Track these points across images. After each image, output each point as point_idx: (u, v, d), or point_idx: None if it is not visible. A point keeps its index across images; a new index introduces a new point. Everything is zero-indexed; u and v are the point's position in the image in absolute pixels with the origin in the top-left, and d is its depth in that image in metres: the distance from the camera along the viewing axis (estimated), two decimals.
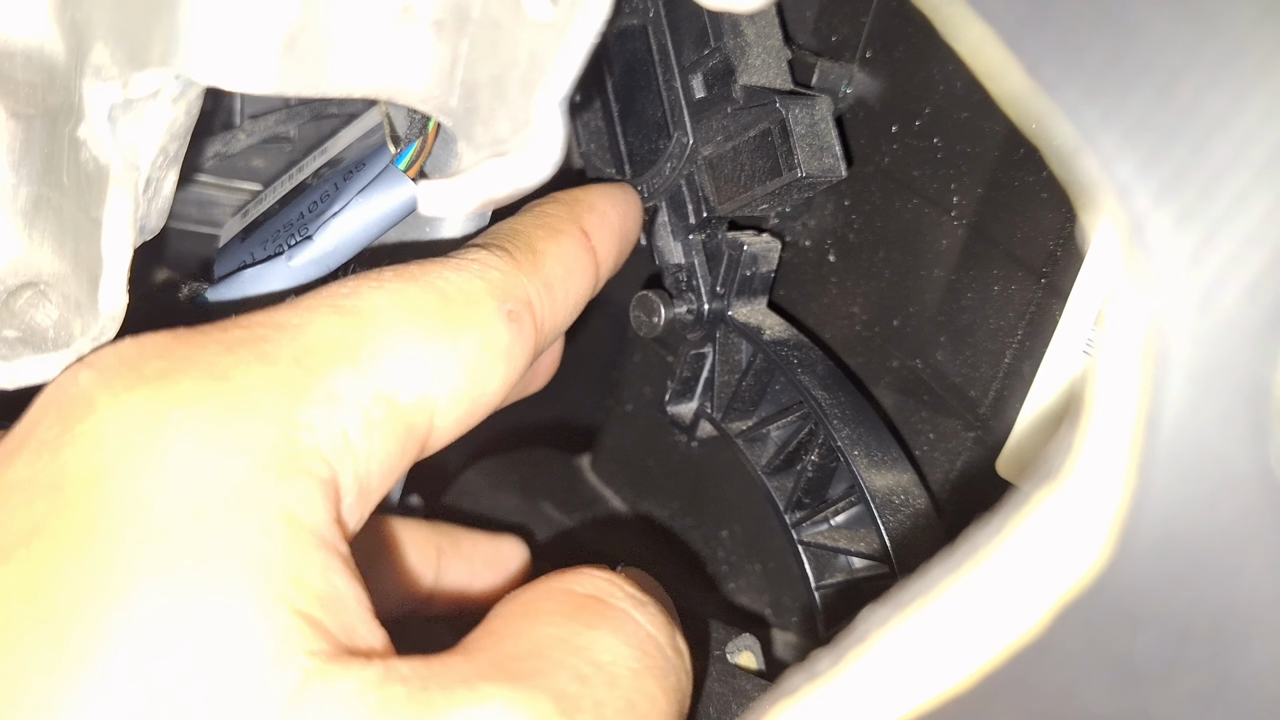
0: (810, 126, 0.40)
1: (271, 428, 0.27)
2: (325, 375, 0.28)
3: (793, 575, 0.51)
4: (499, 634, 0.29)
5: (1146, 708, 0.18)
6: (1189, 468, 0.17)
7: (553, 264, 0.35)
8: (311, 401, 0.28)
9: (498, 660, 0.27)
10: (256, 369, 0.28)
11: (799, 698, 0.22)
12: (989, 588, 0.19)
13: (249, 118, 0.50)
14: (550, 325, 0.35)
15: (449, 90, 0.33)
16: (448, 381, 0.31)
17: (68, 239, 0.37)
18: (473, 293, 0.32)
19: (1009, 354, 0.40)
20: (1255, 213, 0.16)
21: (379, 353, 0.29)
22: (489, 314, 0.32)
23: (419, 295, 0.31)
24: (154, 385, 0.27)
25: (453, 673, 0.26)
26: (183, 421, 0.26)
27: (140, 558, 0.25)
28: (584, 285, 0.37)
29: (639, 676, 0.29)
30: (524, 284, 0.34)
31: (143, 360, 0.27)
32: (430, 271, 0.32)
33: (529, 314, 0.33)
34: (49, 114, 0.36)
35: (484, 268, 0.33)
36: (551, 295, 0.35)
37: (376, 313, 0.30)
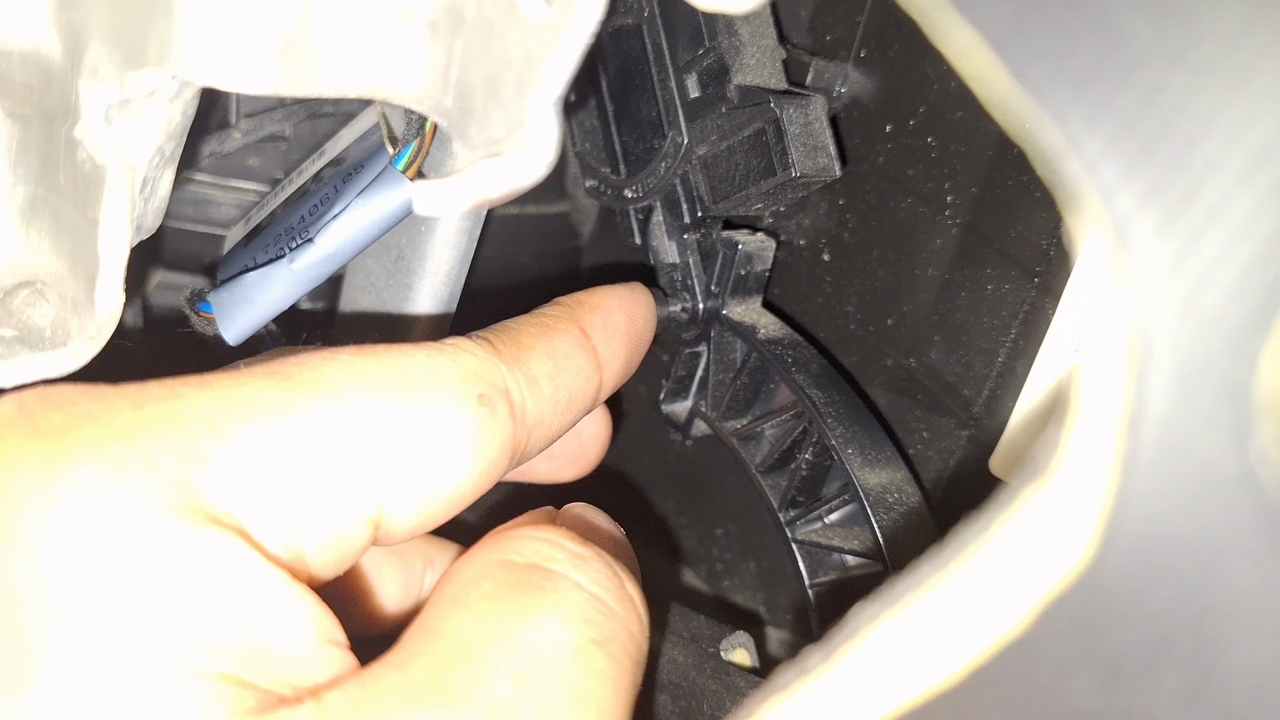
0: (805, 126, 0.41)
1: (169, 489, 0.25)
2: (239, 439, 0.27)
3: (787, 573, 0.51)
4: (435, 632, 0.28)
5: (1130, 703, 0.18)
6: (1171, 466, 0.17)
7: (539, 359, 0.34)
8: (218, 464, 0.26)
9: (432, 670, 0.26)
10: (160, 429, 0.26)
11: (790, 693, 0.23)
12: (977, 584, 0.20)
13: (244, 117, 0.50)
14: (537, 420, 0.33)
15: (444, 91, 0.33)
16: (397, 459, 0.29)
17: (65, 238, 0.37)
18: (439, 373, 0.30)
19: (1002, 353, 0.40)
20: (1236, 216, 0.16)
21: (312, 421, 0.28)
22: (453, 394, 0.30)
23: (374, 369, 0.29)
24: (48, 439, 0.25)
25: (386, 698, 0.26)
26: (72, 481, 0.25)
27: (35, 635, 0.24)
28: (580, 385, 0.35)
29: (583, 654, 0.28)
30: (500, 372, 0.32)
31: (43, 413, 0.26)
32: (395, 349, 0.30)
33: (505, 402, 0.31)
34: (46, 114, 0.37)
35: (458, 352, 0.31)
36: (536, 390, 0.33)
37: (321, 381, 0.28)
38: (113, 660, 0.24)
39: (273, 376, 0.28)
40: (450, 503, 0.31)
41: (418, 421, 0.29)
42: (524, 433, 0.32)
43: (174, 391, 0.27)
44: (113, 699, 0.23)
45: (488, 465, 0.31)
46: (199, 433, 0.26)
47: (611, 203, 0.48)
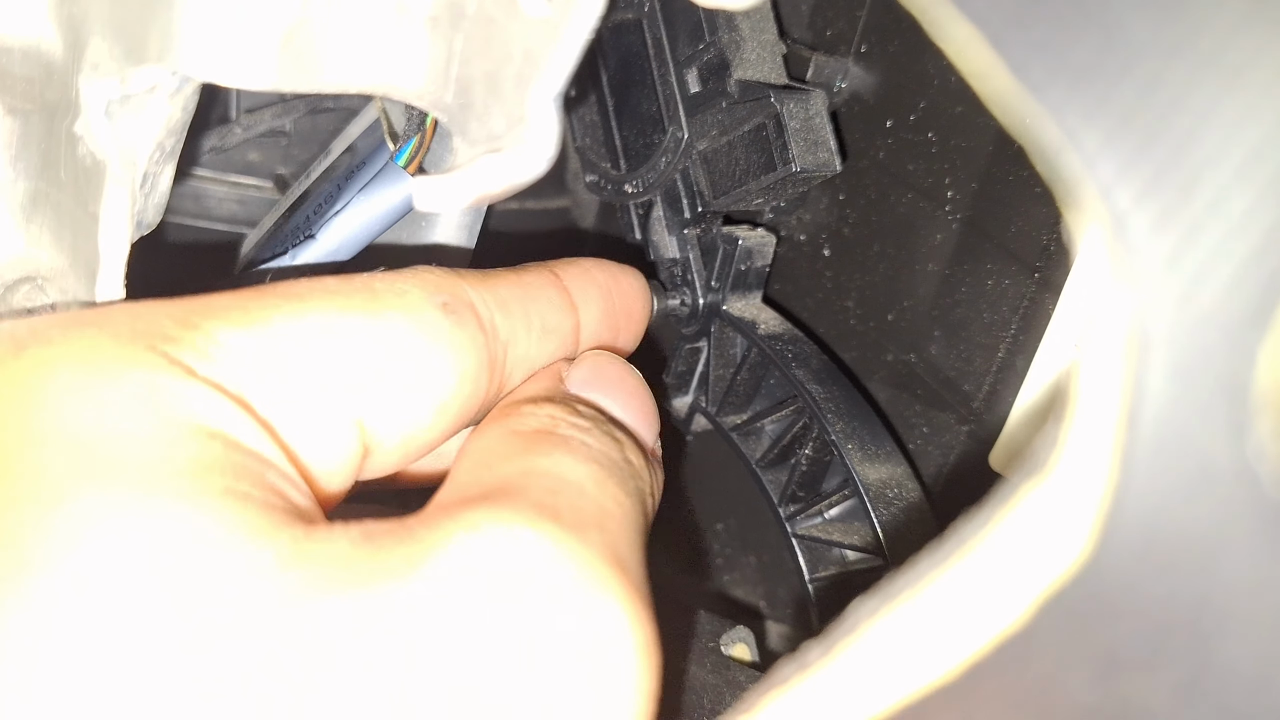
0: (805, 121, 0.41)
1: (146, 354, 0.25)
2: (205, 328, 0.27)
3: (787, 568, 0.51)
4: (461, 482, 0.28)
5: (1127, 697, 0.19)
6: (1169, 462, 0.17)
7: (506, 285, 0.33)
8: (181, 344, 0.26)
9: (469, 496, 0.27)
10: (126, 319, 0.26)
11: (789, 688, 0.23)
12: (975, 579, 0.20)
13: (245, 112, 0.50)
14: (510, 337, 0.33)
15: (444, 86, 0.33)
16: (370, 362, 0.29)
17: (65, 233, 0.37)
18: (400, 285, 0.30)
19: (1002, 348, 0.40)
20: (1233, 212, 0.16)
21: (279, 320, 0.28)
22: (417, 300, 0.30)
23: (335, 284, 0.30)
24: (18, 339, 0.26)
25: (429, 511, 0.26)
26: (50, 359, 0.25)
27: (68, 474, 0.23)
28: (553, 314, 0.35)
29: (602, 484, 0.29)
30: (464, 286, 0.32)
31: (11, 324, 0.26)
32: (359, 275, 0.30)
33: (470, 312, 0.31)
34: (46, 109, 0.37)
35: (418, 270, 0.32)
36: (506, 309, 0.33)
37: (284, 291, 0.29)
38: (149, 481, 0.23)
39: (234, 292, 0.28)
40: (435, 415, 0.30)
41: (382, 326, 0.29)
42: (498, 346, 0.32)
43: (136, 302, 0.27)
44: (153, 512, 0.23)
45: (464, 373, 0.31)
46: (164, 323, 0.26)
47: (612, 198, 0.48)
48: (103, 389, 0.25)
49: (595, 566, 0.25)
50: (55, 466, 0.23)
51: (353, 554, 0.24)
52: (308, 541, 0.24)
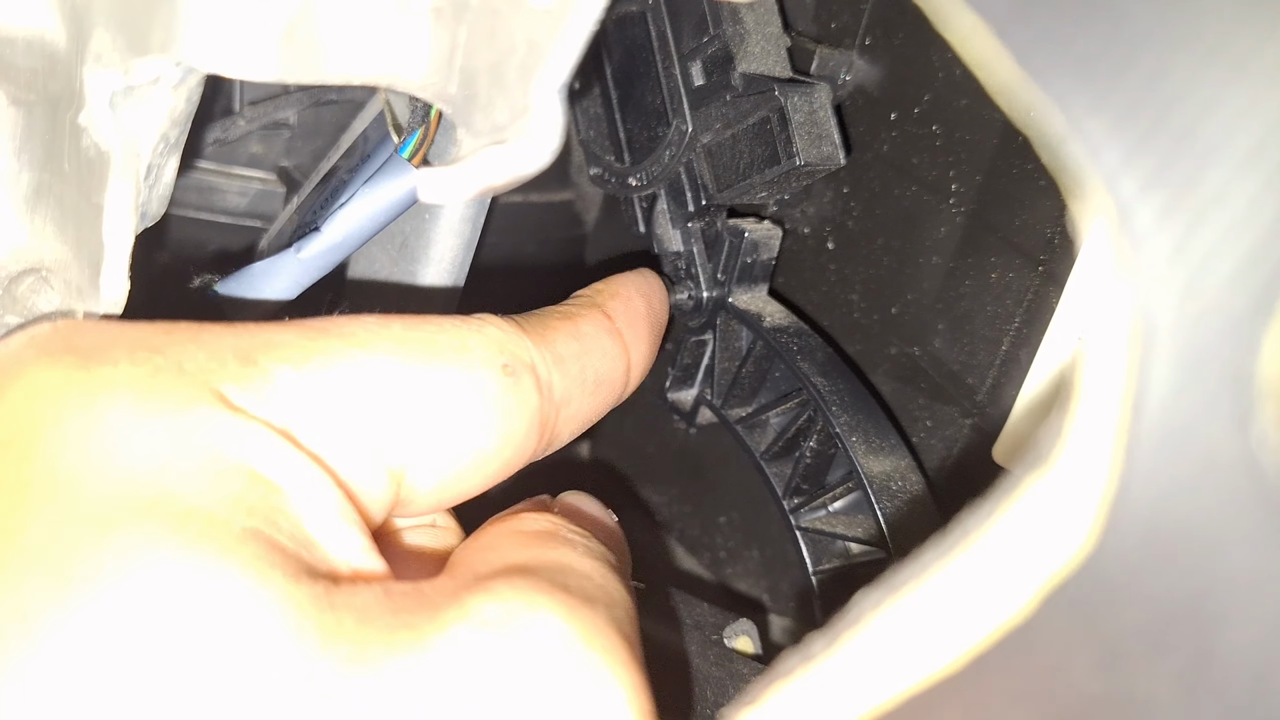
0: (809, 114, 0.41)
1: (204, 392, 0.26)
2: (262, 364, 0.27)
3: (790, 560, 0.51)
4: (469, 564, 0.28)
5: (1131, 687, 0.19)
6: (1173, 453, 0.17)
7: (565, 339, 0.34)
8: (240, 381, 0.26)
9: (482, 575, 0.27)
10: (191, 349, 0.27)
11: (793, 679, 0.23)
12: (980, 571, 0.20)
13: (248, 104, 0.50)
14: (565, 397, 0.33)
15: (448, 77, 0.33)
16: (419, 415, 0.29)
17: (69, 225, 0.37)
18: (464, 340, 0.31)
19: (1006, 341, 0.40)
20: (1238, 202, 0.16)
21: (336, 365, 0.28)
22: (477, 360, 0.30)
23: (399, 329, 0.30)
24: (85, 353, 0.26)
25: (447, 581, 0.26)
26: (113, 383, 0.25)
27: (120, 506, 0.24)
28: (608, 366, 0.36)
29: (606, 576, 0.29)
30: (526, 346, 0.32)
31: (77, 334, 0.27)
32: (424, 317, 0.31)
33: (530, 375, 0.32)
34: (50, 100, 0.37)
35: (483, 324, 0.32)
36: (564, 367, 0.33)
37: (346, 334, 0.29)
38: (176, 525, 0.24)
39: (298, 326, 0.29)
40: (474, 471, 0.31)
41: (439, 381, 0.29)
42: (552, 409, 0.33)
43: (201, 326, 0.28)
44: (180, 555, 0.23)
45: (512, 435, 0.31)
46: (226, 357, 0.27)
47: (616, 191, 0.48)
48: (161, 424, 0.25)
49: (605, 637, 0.26)
50: (109, 496, 0.24)
51: (374, 621, 0.24)
52: (331, 602, 0.24)
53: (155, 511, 0.24)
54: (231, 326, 0.28)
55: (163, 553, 0.23)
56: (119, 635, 0.22)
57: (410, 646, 0.24)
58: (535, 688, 0.24)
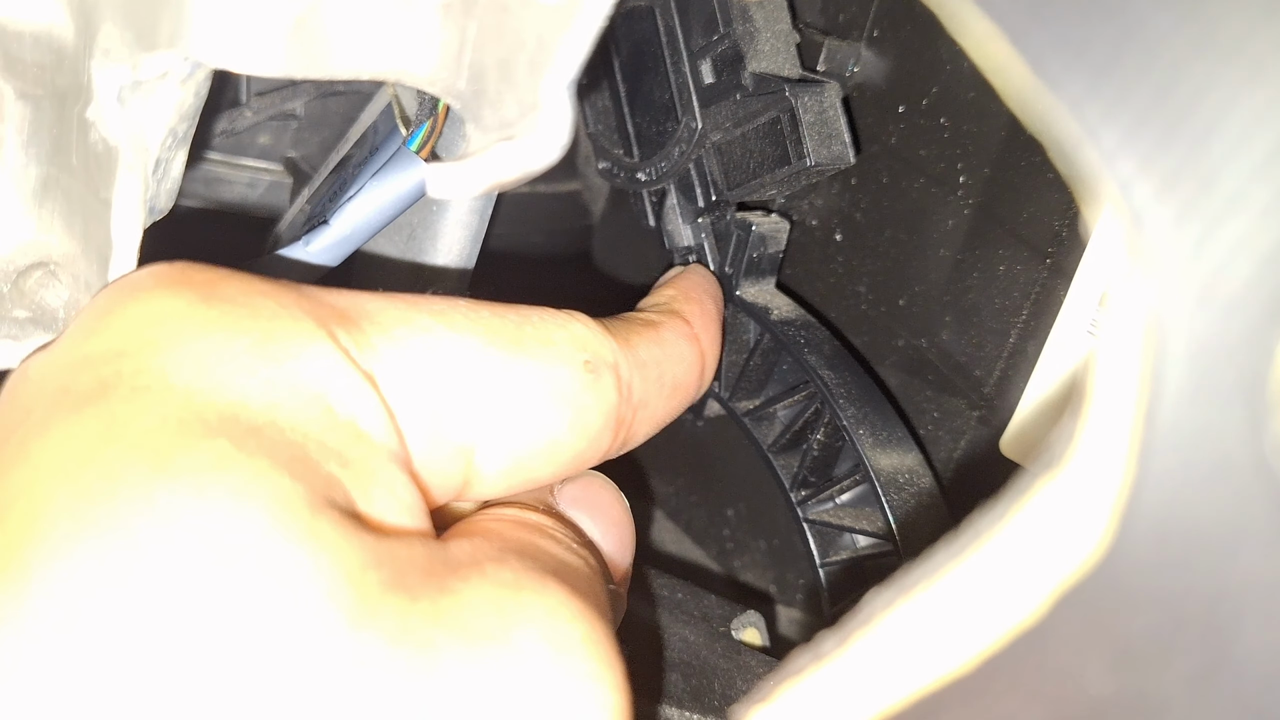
0: (819, 114, 0.40)
1: (316, 338, 0.27)
2: (363, 326, 0.28)
3: (798, 553, 0.51)
4: (480, 536, 0.29)
5: (1143, 689, 0.19)
6: (1187, 456, 0.17)
7: (647, 345, 0.35)
8: (339, 334, 0.28)
9: (493, 543, 0.28)
10: (303, 302, 0.28)
11: (804, 677, 0.23)
12: (992, 572, 0.20)
13: (255, 95, 0.50)
14: (642, 400, 0.34)
15: (456, 73, 0.33)
16: (496, 401, 0.30)
17: (77, 219, 0.37)
18: (550, 334, 0.32)
19: (1014, 334, 0.40)
20: (1253, 208, 0.16)
21: (426, 342, 0.29)
22: (560, 355, 0.31)
23: (489, 316, 0.31)
24: (207, 289, 0.27)
25: (457, 547, 0.27)
26: (233, 318, 0.27)
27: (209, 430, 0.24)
28: (685, 370, 0.37)
29: (590, 580, 0.30)
30: (611, 347, 0.33)
31: (200, 272, 0.28)
32: (513, 306, 0.32)
33: (611, 374, 0.33)
34: (58, 95, 0.37)
35: (571, 320, 0.33)
36: (644, 370, 0.34)
37: (440, 312, 0.30)
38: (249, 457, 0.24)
39: (394, 298, 0.30)
40: (545, 460, 0.31)
41: (521, 369, 0.30)
42: (629, 410, 0.34)
43: (303, 286, 0.29)
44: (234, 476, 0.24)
45: (587, 429, 0.32)
46: (329, 314, 0.28)
47: (625, 185, 0.48)
48: (274, 362, 0.26)
49: (596, 627, 0.27)
50: (217, 416, 0.25)
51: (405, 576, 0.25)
52: (373, 553, 0.24)
53: (254, 438, 0.25)
54: (329, 290, 0.29)
55: (246, 483, 0.24)
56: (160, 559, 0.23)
57: (437, 600, 0.25)
58: (534, 662, 0.25)
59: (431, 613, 0.24)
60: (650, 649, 0.39)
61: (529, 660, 0.25)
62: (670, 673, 0.39)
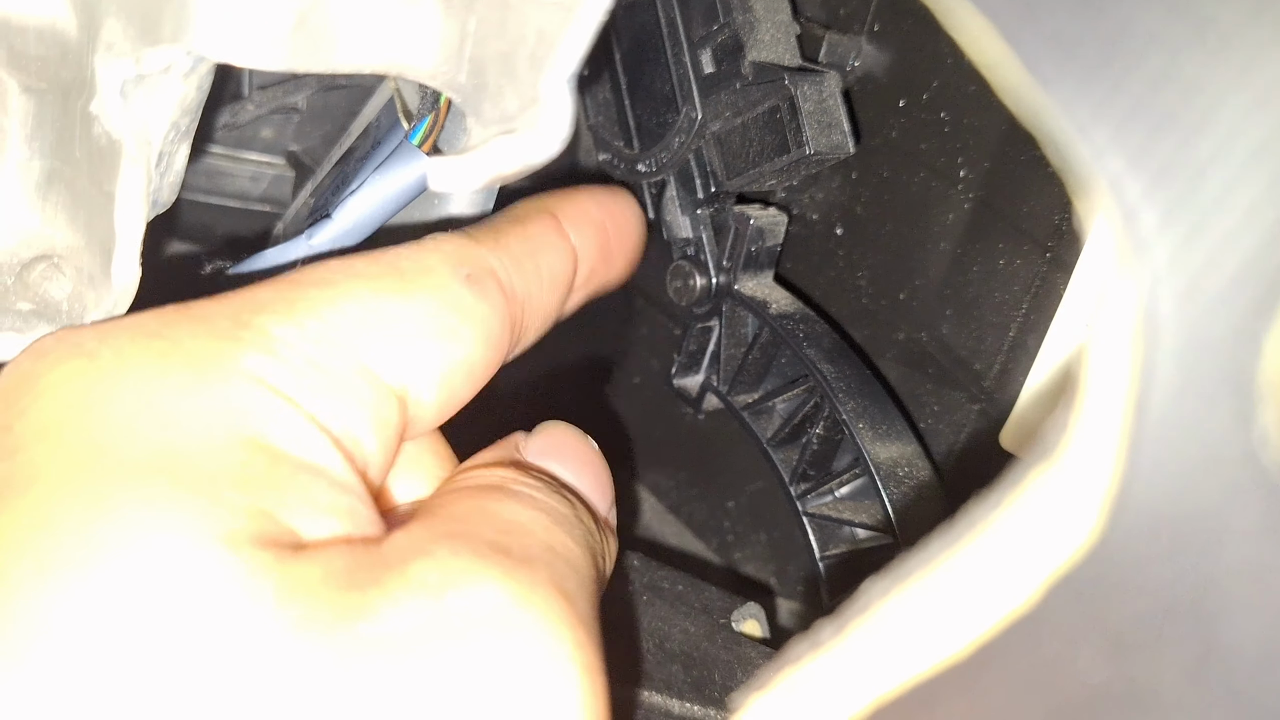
0: (819, 104, 0.41)
1: (206, 364, 0.27)
2: (257, 325, 0.28)
3: (797, 545, 0.51)
4: (424, 522, 0.29)
5: (1135, 677, 0.19)
6: (1176, 448, 0.17)
7: (517, 241, 0.36)
8: (242, 343, 0.28)
9: (428, 531, 0.28)
10: (187, 325, 0.28)
11: (801, 665, 0.23)
12: (986, 561, 0.20)
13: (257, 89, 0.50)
14: (526, 295, 0.35)
15: (457, 67, 0.34)
16: (406, 337, 0.30)
17: (80, 212, 0.37)
18: (425, 261, 0.32)
19: (1014, 327, 0.40)
20: (1240, 205, 0.16)
21: (320, 309, 0.29)
22: (444, 276, 0.32)
23: (363, 264, 0.31)
24: (89, 348, 0.27)
25: (404, 538, 0.27)
26: (116, 371, 0.27)
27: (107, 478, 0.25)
28: (558, 262, 0.37)
29: (550, 530, 0.30)
30: (484, 254, 0.34)
31: (76, 335, 0.28)
32: (383, 251, 0.32)
33: (493, 280, 0.33)
34: (61, 89, 0.37)
35: (438, 242, 0.33)
36: (520, 268, 0.35)
37: (317, 279, 0.30)
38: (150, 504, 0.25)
39: (275, 283, 0.30)
40: (465, 377, 0.32)
41: (417, 302, 0.31)
42: (518, 307, 0.34)
43: (191, 306, 0.29)
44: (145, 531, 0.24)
45: (491, 338, 0.33)
46: (221, 325, 0.28)
47: (625, 177, 0.48)
48: (168, 398, 0.26)
49: (539, 597, 0.27)
50: (112, 464, 0.25)
51: (331, 584, 0.25)
52: (295, 569, 0.25)
53: (152, 479, 0.25)
54: (216, 298, 0.29)
55: (146, 521, 0.24)
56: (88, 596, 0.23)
57: (358, 610, 0.25)
58: (470, 652, 0.25)
59: (351, 627, 0.24)
60: (651, 640, 0.40)
61: (457, 651, 0.25)
62: (671, 664, 0.39)
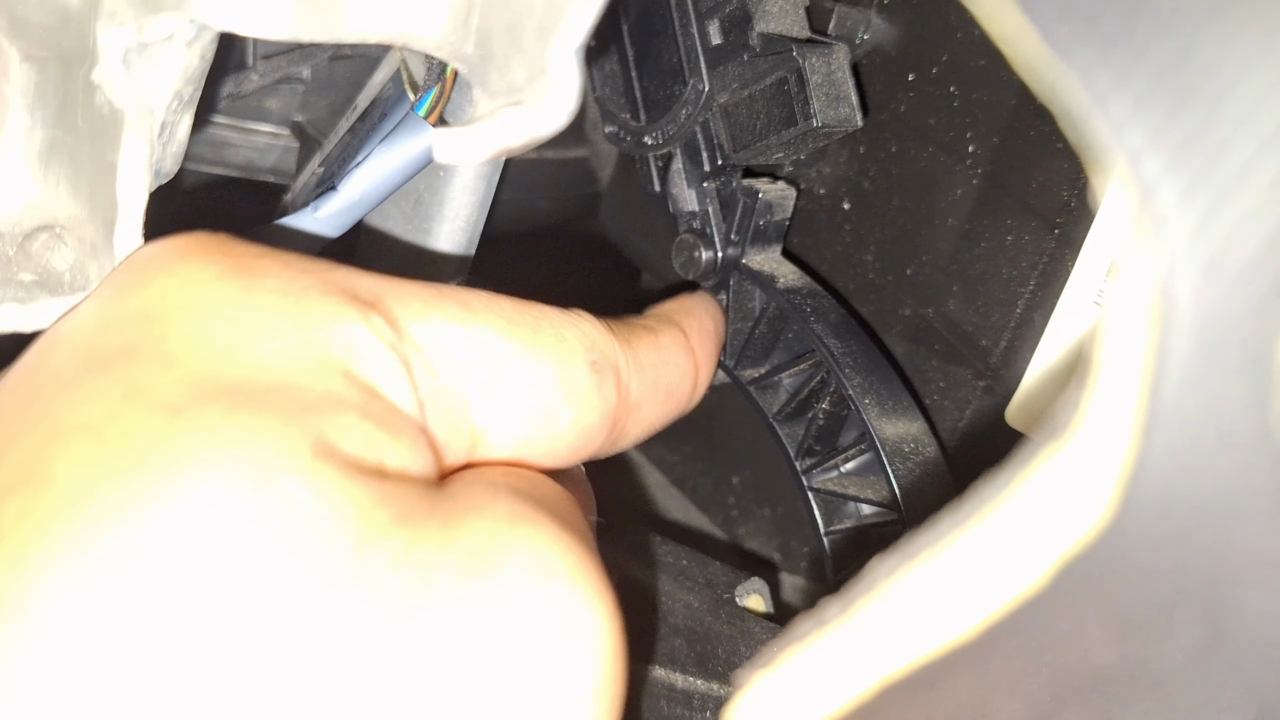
0: (827, 75, 0.40)
1: (336, 310, 0.28)
2: (394, 313, 0.29)
3: (802, 521, 0.51)
4: (471, 473, 0.30)
5: (1144, 659, 0.19)
6: (1191, 429, 0.17)
7: (647, 348, 0.36)
8: (374, 312, 0.29)
9: (482, 481, 0.29)
10: (331, 277, 0.29)
11: (807, 643, 0.23)
12: (996, 541, 0.20)
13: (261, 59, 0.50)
14: (638, 401, 0.36)
15: (464, 37, 0.33)
16: (510, 389, 0.31)
17: (83, 182, 0.37)
18: (563, 330, 0.33)
19: (1021, 303, 0.40)
20: (1261, 182, 0.16)
21: (450, 323, 0.30)
22: (572, 353, 0.33)
23: (509, 307, 0.32)
24: (239, 259, 0.28)
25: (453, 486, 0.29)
26: (264, 290, 0.28)
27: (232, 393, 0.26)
28: (679, 379, 0.38)
29: (573, 510, 0.31)
30: (615, 348, 0.35)
31: (233, 243, 0.29)
32: (529, 302, 0.33)
33: (613, 375, 0.34)
34: (63, 57, 0.36)
35: (581, 319, 0.34)
36: (642, 373, 0.36)
37: (463, 301, 0.31)
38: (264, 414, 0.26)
39: (421, 284, 0.31)
40: (544, 449, 0.33)
41: (536, 363, 0.32)
42: (625, 410, 0.35)
43: (335, 264, 0.30)
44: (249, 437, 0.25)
45: (585, 428, 0.34)
46: (359, 291, 0.29)
47: (631, 149, 0.47)
48: (302, 334, 0.27)
49: (587, 563, 0.28)
50: (238, 381, 0.26)
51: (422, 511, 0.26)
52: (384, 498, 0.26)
53: (279, 398, 0.26)
54: (360, 271, 0.30)
55: (267, 433, 0.25)
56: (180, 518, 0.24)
57: (443, 531, 0.26)
58: (538, 594, 0.26)
59: (431, 544, 0.26)
60: (655, 615, 0.40)
61: (521, 588, 0.26)
62: (675, 638, 0.39)
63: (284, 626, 0.23)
